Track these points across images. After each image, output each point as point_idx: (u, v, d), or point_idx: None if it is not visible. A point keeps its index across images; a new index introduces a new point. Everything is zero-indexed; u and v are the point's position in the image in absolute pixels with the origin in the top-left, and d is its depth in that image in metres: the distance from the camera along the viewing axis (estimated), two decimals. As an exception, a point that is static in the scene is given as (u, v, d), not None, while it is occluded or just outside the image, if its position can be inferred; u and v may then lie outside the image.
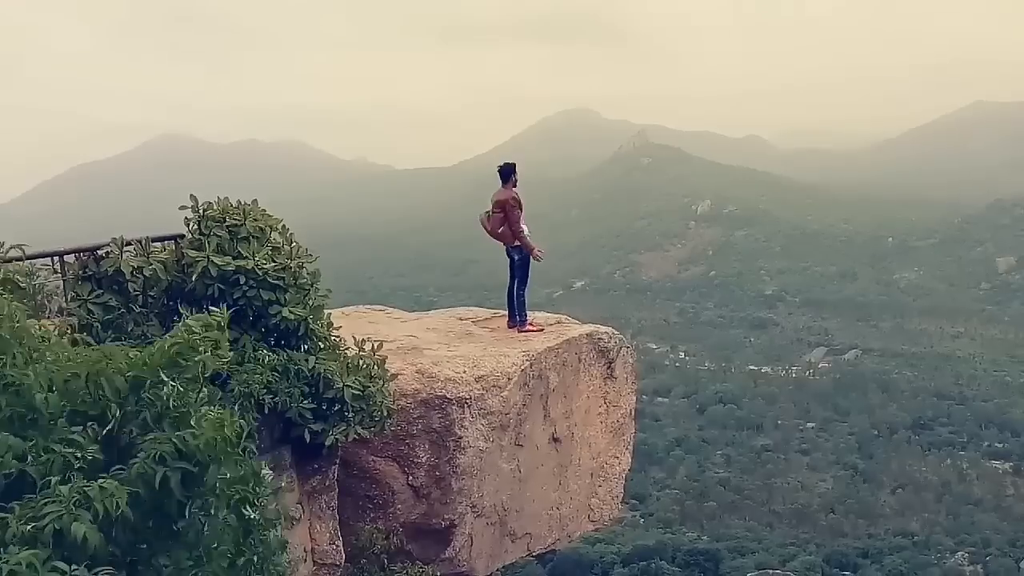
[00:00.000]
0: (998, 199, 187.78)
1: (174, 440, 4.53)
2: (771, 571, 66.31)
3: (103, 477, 4.42)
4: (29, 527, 4.16)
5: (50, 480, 4.33)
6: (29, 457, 4.42)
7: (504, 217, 11.89)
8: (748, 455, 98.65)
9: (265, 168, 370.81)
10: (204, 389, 5.03)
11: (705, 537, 76.91)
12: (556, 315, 13.45)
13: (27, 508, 4.25)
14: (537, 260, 12.06)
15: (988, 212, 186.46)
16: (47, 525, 4.12)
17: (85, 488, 4.28)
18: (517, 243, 12.00)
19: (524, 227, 12.01)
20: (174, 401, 4.69)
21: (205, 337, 5.07)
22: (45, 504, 4.21)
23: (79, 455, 4.49)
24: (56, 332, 5.80)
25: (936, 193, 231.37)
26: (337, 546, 9.38)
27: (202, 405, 4.87)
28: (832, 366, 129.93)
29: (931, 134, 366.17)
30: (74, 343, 5.89)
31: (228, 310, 7.94)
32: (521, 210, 11.93)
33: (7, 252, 6.97)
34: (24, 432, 4.60)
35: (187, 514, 4.65)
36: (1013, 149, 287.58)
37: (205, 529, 4.79)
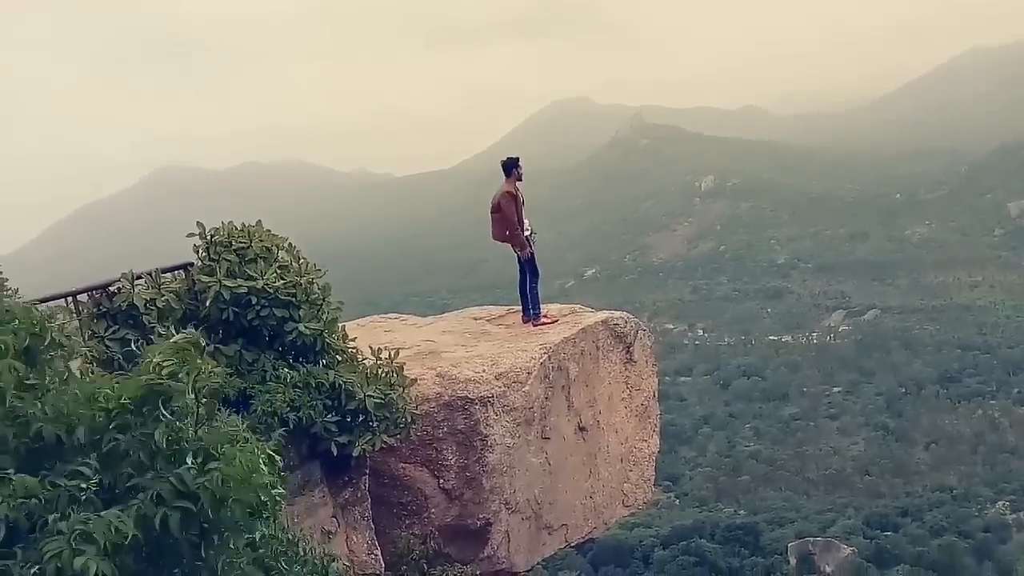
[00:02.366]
0: (1003, 144, 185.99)
1: (171, 480, 4.24)
2: (811, 538, 66.08)
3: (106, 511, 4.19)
4: (33, 570, 3.93)
5: (47, 519, 4.12)
6: (40, 496, 4.19)
7: (501, 216, 11.84)
8: (777, 426, 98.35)
9: (267, 189, 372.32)
10: (207, 419, 4.71)
11: (742, 512, 76.76)
12: (570, 305, 13.43)
13: (30, 551, 4.04)
14: (523, 257, 11.93)
15: (994, 158, 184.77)
16: (49, 564, 3.91)
17: (86, 521, 4.04)
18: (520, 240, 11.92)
19: (526, 221, 11.94)
20: (168, 437, 4.36)
21: (183, 364, 4.55)
22: (45, 544, 3.98)
23: (83, 486, 4.25)
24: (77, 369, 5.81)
25: (940, 144, 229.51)
26: (376, 555, 9.42)
27: (201, 437, 4.53)
28: (852, 328, 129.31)
29: (929, 85, 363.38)
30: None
31: (243, 332, 8.04)
32: (517, 203, 11.76)
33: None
34: (32, 465, 4.41)
35: (203, 557, 4.42)
36: (1013, 92, 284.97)
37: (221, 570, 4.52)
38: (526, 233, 11.96)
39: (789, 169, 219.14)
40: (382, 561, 9.52)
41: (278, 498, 4.84)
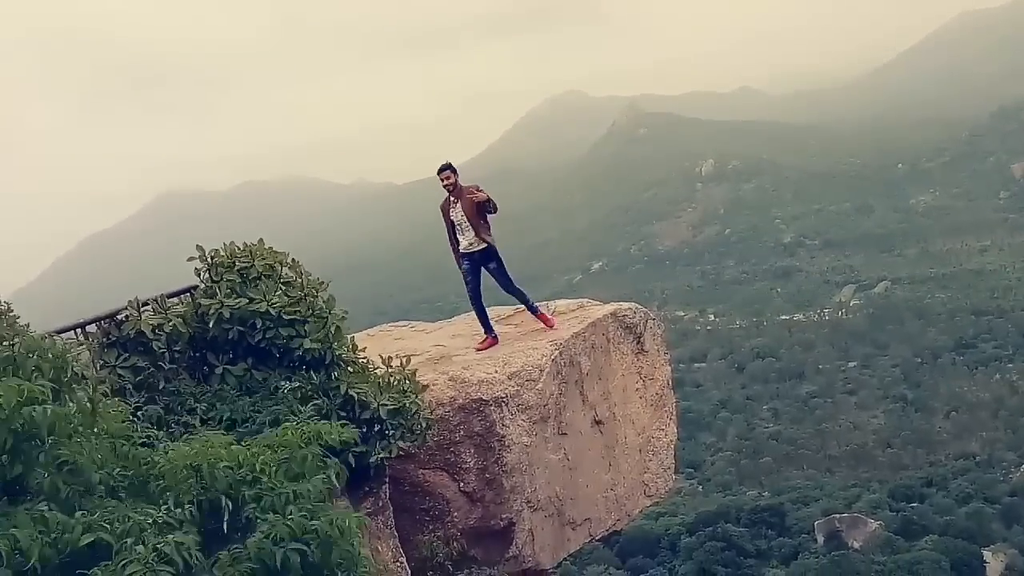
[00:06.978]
0: (1002, 106, 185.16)
1: (289, 523, 4.82)
2: (838, 515, 65.91)
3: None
4: None
5: (126, 542, 4.44)
6: (105, 524, 4.55)
7: None
8: (795, 405, 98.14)
9: (268, 206, 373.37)
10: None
11: (766, 493, 76.63)
12: (578, 300, 13.42)
13: (107, 572, 4.32)
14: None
15: (994, 121, 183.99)
16: None
17: (160, 545, 4.43)
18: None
19: (459, 237, 11.76)
20: (285, 497, 5.09)
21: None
22: (124, 565, 4.31)
23: (150, 521, 4.66)
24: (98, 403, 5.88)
25: (938, 111, 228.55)
26: (401, 563, 9.44)
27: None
28: (864, 302, 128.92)
29: (922, 53, 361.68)
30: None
31: (252, 351, 8.06)
32: (445, 219, 11.82)
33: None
34: (80, 509, 4.69)
35: None
36: (1007, 54, 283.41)
37: None
38: (467, 248, 11.66)
39: (789, 147, 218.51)
40: (408, 568, 9.54)
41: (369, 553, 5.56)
